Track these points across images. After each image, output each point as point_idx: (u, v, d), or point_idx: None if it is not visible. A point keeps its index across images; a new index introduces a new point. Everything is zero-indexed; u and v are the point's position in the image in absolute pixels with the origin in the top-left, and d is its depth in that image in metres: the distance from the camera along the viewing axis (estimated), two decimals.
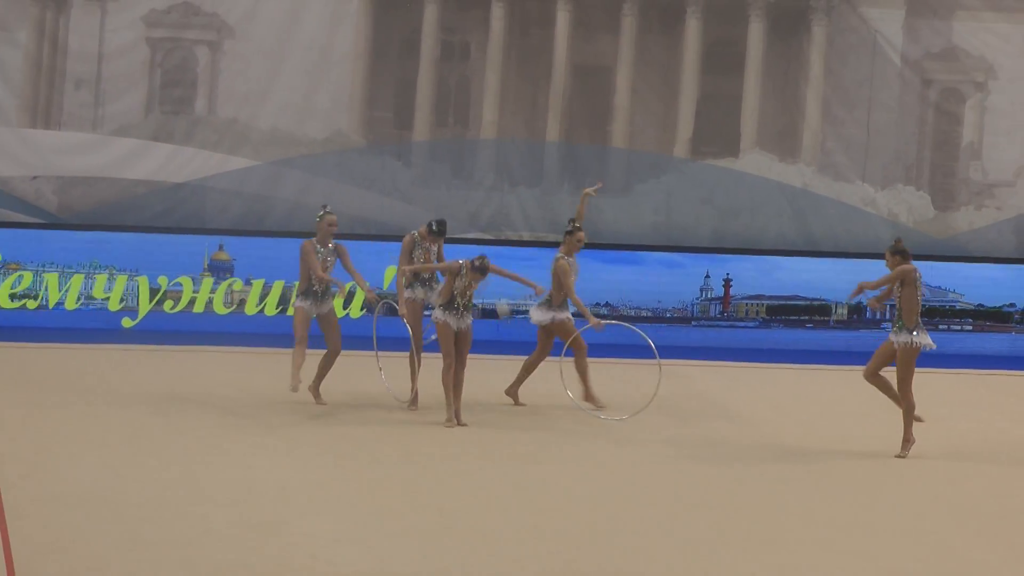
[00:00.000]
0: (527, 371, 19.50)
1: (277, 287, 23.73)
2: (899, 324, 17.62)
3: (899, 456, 17.64)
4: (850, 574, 13.24)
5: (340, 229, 23.57)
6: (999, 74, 25.47)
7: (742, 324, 24.51)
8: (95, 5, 23.83)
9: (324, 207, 18.83)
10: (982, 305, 25.10)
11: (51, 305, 23.32)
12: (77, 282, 23.26)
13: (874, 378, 18.04)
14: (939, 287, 25.00)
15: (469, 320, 18.36)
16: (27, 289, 23.29)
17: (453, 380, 18.28)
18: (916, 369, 17.93)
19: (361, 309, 23.58)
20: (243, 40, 24.20)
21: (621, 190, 24.71)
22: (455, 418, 18.28)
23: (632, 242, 24.66)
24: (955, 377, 22.77)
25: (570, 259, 19.30)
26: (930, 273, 24.84)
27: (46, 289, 23.26)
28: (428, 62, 24.65)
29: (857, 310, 24.93)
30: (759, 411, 19.30)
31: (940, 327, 24.95)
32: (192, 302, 23.62)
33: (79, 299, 23.36)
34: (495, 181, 24.53)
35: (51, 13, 23.81)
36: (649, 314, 24.17)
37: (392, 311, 19.27)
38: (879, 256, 24.36)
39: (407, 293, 19.01)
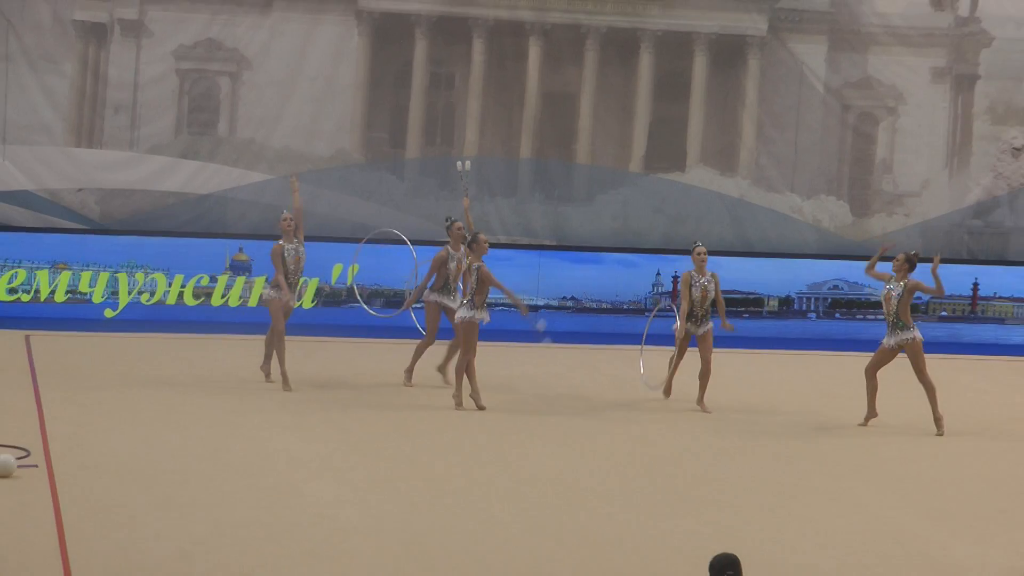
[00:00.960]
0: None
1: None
2: (900, 325, 17.70)
3: (937, 434, 17.83)
4: (789, 534, 13.64)
5: (340, 233, 24.12)
6: (908, 100, 25.50)
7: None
8: (131, 41, 23.80)
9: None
10: None
11: (96, 301, 23.35)
12: (123, 280, 23.27)
13: (872, 378, 18.13)
14: (856, 283, 25.13)
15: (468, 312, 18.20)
16: (71, 286, 23.33)
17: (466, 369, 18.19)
18: (842, 352, 17.99)
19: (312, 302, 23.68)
20: (259, 71, 24.03)
21: (584, 200, 24.76)
22: (476, 401, 18.24)
23: (594, 244, 24.60)
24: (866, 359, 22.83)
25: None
26: (849, 271, 25.25)
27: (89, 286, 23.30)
28: (418, 90, 24.59)
29: (786, 303, 25.24)
30: (714, 392, 19.50)
31: (857, 317, 25.21)
32: (209, 295, 23.69)
33: (115, 294, 23.41)
34: (476, 192, 24.39)
35: (93, 48, 23.79)
36: (608, 306, 24.22)
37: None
38: (805, 256, 24.91)
39: (431, 296, 19.26)
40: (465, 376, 18.27)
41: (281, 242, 18.94)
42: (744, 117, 25.27)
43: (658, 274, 24.76)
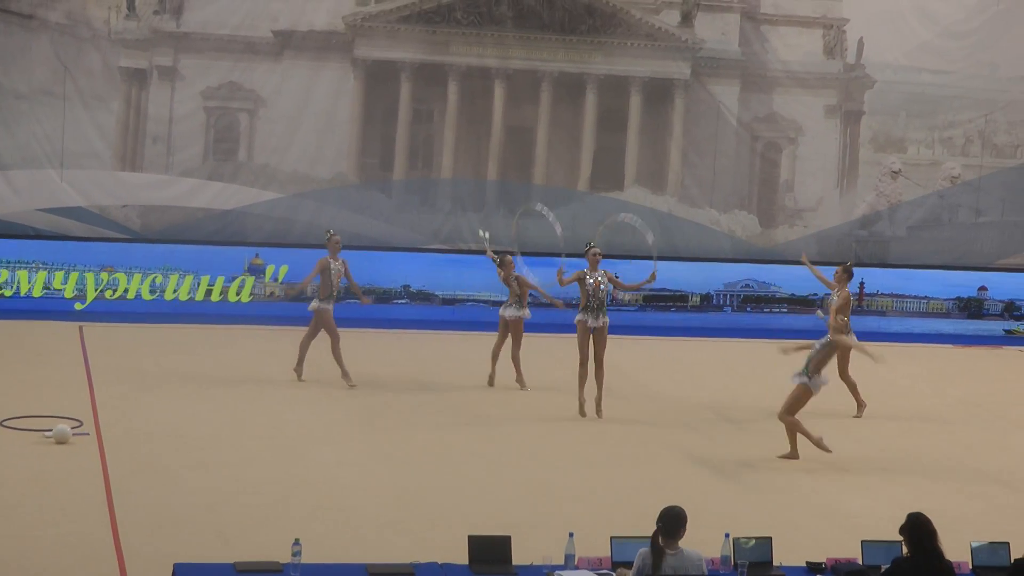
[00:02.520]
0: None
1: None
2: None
3: (856, 416, 17.79)
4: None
5: (344, 243, 24.00)
6: (805, 132, 25.35)
7: (626, 308, 24.22)
8: (167, 84, 23.75)
9: (328, 231, 18.68)
10: (794, 294, 24.94)
11: (132, 296, 23.28)
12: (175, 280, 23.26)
13: (846, 378, 17.88)
14: (764, 282, 25.32)
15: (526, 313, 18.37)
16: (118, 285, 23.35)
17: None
18: (752, 339, 17.92)
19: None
20: (272, 108, 23.81)
21: (539, 215, 24.69)
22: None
23: (549, 251, 24.66)
24: (774, 347, 22.98)
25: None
26: (757, 273, 25.30)
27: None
28: (404, 123, 24.38)
29: (706, 299, 25.30)
30: (647, 372, 19.56)
31: (765, 310, 25.35)
32: (224, 292, 23.63)
33: (154, 292, 23.40)
34: (451, 208, 24.50)
35: (135, 89, 23.73)
36: (559, 302, 24.23)
37: None
38: (722, 260, 24.96)
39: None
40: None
41: (328, 257, 18.33)
42: (671, 146, 25.15)
43: None
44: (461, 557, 10.58)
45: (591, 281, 17.49)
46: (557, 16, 24.53)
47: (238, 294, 23.47)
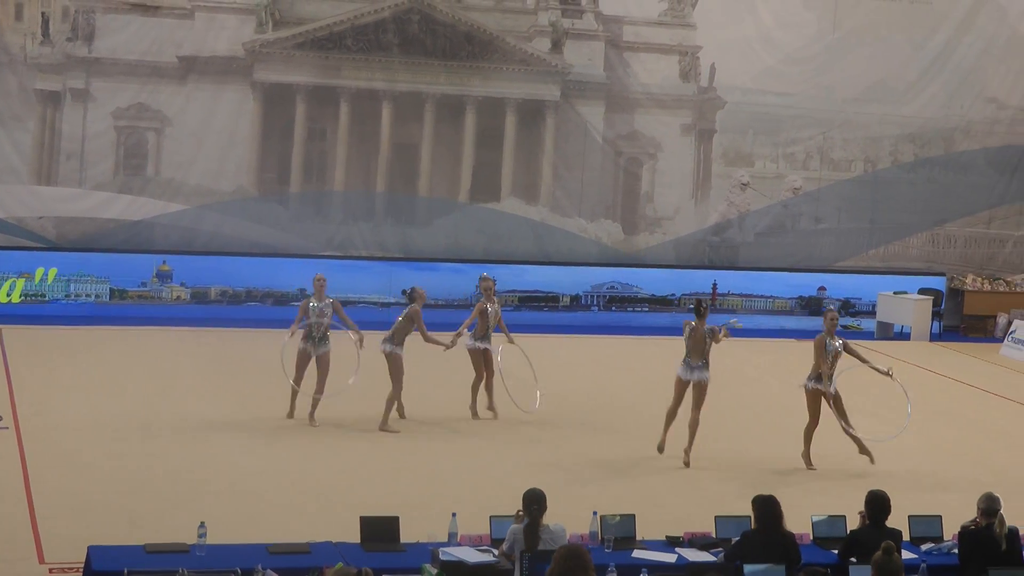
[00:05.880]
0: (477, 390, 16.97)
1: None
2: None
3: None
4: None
5: (244, 250, 24.00)
6: (664, 148, 25.41)
7: (503, 309, 24.11)
8: (80, 104, 23.33)
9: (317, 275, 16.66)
10: (654, 295, 24.93)
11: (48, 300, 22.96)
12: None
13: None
14: (627, 284, 25.34)
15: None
16: (36, 290, 23.03)
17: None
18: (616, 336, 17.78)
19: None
20: (178, 127, 23.54)
21: (425, 223, 24.61)
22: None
23: (432, 257, 24.62)
24: (636, 342, 23.42)
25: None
26: (620, 275, 25.41)
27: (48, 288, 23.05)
28: (299, 141, 24.17)
29: (575, 299, 25.31)
30: (524, 368, 19.55)
31: (628, 310, 25.40)
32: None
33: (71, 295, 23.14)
34: (343, 217, 24.38)
35: (50, 110, 23.33)
36: (442, 303, 24.19)
37: None
38: (589, 264, 25.07)
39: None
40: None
41: (311, 299, 16.27)
42: (543, 161, 25.18)
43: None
44: (353, 536, 10.60)
45: (490, 311, 17.09)
46: (439, 43, 24.53)
47: (8, 295, 22.98)
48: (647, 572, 9.90)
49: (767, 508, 10.30)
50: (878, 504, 10.63)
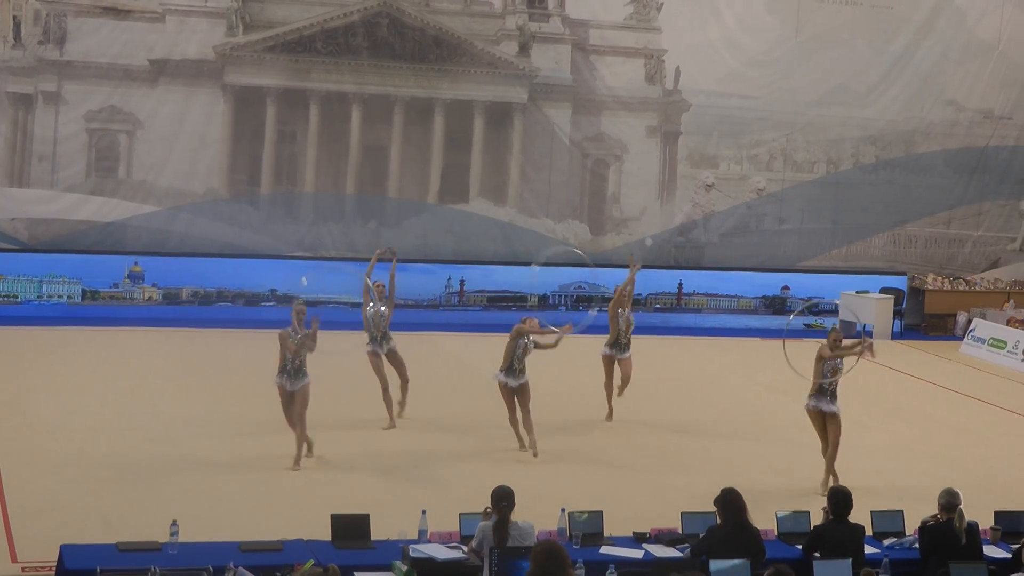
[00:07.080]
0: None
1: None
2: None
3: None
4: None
5: (211, 250, 23.91)
6: (630, 150, 25.47)
7: (472, 308, 24.22)
8: (51, 107, 23.23)
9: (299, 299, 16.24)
10: None
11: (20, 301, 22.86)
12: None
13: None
14: (594, 283, 25.33)
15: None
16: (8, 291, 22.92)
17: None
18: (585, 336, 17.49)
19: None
20: (150, 130, 23.39)
21: (394, 224, 24.59)
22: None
23: (402, 258, 24.51)
24: (603, 341, 23.10)
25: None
26: (588, 275, 25.44)
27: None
28: (270, 143, 24.05)
29: (543, 299, 25.30)
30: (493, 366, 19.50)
31: (595, 309, 25.28)
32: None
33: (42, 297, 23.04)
34: (313, 219, 24.32)
35: (22, 112, 23.22)
36: (412, 303, 24.27)
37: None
38: (558, 265, 25.07)
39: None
40: None
41: (289, 330, 14.25)
42: (511, 162, 25.17)
43: (449, 279, 24.58)
44: (325, 534, 10.56)
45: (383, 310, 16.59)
46: (408, 47, 24.50)
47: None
48: (614, 568, 9.91)
49: (729, 499, 10.38)
50: (841, 500, 10.70)
